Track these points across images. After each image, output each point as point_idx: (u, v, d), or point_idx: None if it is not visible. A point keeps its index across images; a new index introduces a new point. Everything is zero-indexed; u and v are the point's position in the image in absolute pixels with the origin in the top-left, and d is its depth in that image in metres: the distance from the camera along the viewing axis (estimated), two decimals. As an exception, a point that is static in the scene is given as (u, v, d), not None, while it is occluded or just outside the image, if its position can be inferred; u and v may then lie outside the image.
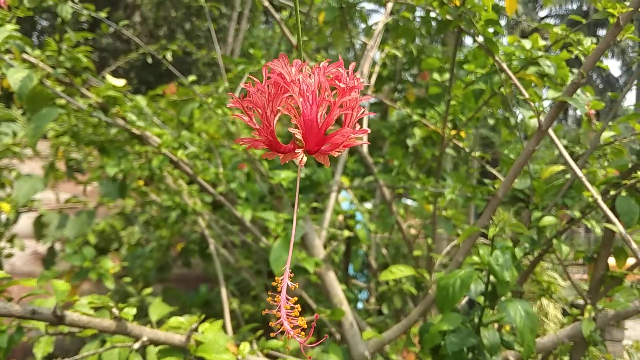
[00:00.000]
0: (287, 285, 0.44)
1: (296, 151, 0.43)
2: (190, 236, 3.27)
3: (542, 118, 1.25)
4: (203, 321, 1.12)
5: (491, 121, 2.74)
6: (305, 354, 0.53)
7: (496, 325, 1.36)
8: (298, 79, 0.41)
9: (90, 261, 1.85)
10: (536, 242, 1.62)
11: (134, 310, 0.96)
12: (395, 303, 2.62)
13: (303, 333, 0.42)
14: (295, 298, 0.43)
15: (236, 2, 8.02)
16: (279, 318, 0.42)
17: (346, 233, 1.88)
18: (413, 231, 2.96)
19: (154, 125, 1.68)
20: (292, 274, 0.44)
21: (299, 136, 0.42)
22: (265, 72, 0.42)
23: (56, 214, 3.17)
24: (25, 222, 3.09)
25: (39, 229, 3.08)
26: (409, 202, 3.46)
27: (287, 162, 0.46)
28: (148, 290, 1.96)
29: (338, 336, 1.99)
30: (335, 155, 0.46)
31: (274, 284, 0.44)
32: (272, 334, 0.43)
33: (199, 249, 3.19)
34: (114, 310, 0.91)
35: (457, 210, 2.52)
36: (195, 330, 1.00)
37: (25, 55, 1.53)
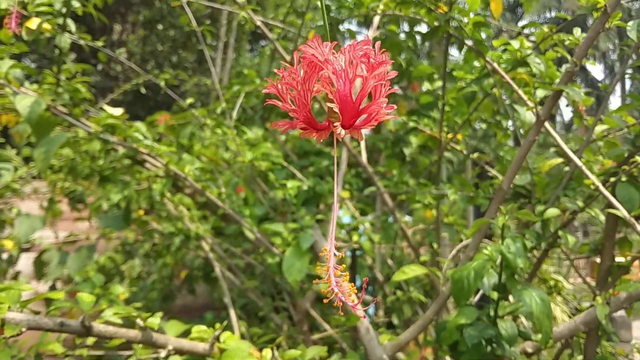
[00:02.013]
0: (334, 254, 0.45)
1: (334, 124, 0.46)
2: (193, 263, 3.26)
3: (539, 109, 1.28)
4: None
5: (483, 126, 2.78)
6: None
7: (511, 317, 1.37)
8: (331, 58, 0.44)
9: (100, 288, 1.85)
10: (542, 236, 1.64)
11: (158, 320, 0.97)
12: (406, 313, 2.62)
13: (353, 299, 0.44)
14: (344, 265, 0.45)
15: (221, 32, 8.12)
16: (329, 286, 0.44)
17: (355, 237, 1.89)
18: (418, 237, 2.97)
19: (160, 147, 1.70)
20: (337, 246, 0.46)
21: (336, 110, 0.44)
22: (297, 55, 0.45)
23: (56, 252, 3.16)
24: (25, 262, 3.07)
25: (40, 268, 3.07)
26: (407, 218, 3.48)
27: (321, 140, 0.48)
28: (158, 314, 1.95)
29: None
30: (368, 129, 0.48)
31: (321, 254, 0.46)
32: (324, 301, 0.45)
33: (203, 274, 3.18)
34: (139, 320, 0.92)
35: (458, 216, 2.55)
36: (218, 338, 1.01)
37: (23, 89, 1.55)
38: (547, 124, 1.51)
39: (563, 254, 2.06)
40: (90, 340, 1.06)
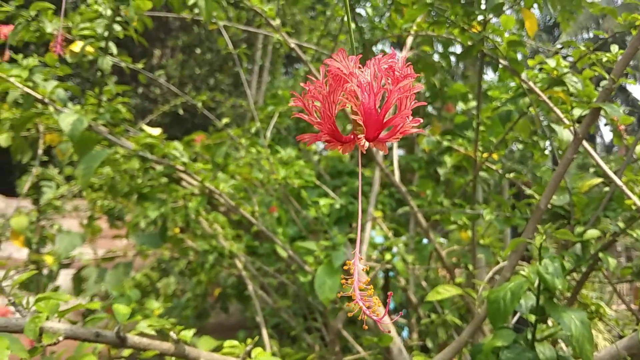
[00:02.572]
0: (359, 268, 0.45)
1: (359, 136, 0.46)
2: (226, 281, 3.29)
3: (576, 127, 1.25)
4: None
5: (520, 147, 2.74)
6: None
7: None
8: (356, 71, 0.44)
9: (135, 303, 1.88)
10: (581, 258, 1.59)
11: (190, 333, 0.98)
12: (440, 336, 2.56)
13: (377, 312, 0.44)
14: (368, 279, 0.45)
15: (257, 55, 8.29)
16: (353, 299, 0.44)
17: (388, 256, 1.87)
18: (454, 259, 2.92)
19: (195, 164, 1.74)
20: (361, 258, 0.46)
21: (360, 122, 0.45)
22: (323, 68, 0.46)
23: (94, 268, 3.25)
24: (64, 279, 3.16)
25: (78, 284, 3.15)
26: (442, 240, 3.43)
27: (346, 153, 0.48)
28: (191, 330, 1.97)
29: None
30: (393, 142, 0.49)
31: (346, 267, 0.46)
32: (349, 314, 0.44)
33: (236, 292, 3.20)
34: (172, 333, 0.93)
35: (495, 238, 2.49)
36: (249, 354, 1.01)
37: (66, 109, 1.62)
38: (586, 144, 1.47)
39: (605, 279, 1.99)
40: (126, 353, 1.08)
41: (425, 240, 2.62)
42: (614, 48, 1.29)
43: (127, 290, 3.07)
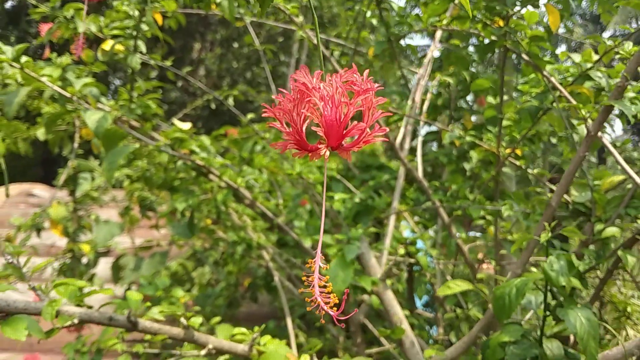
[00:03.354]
0: (319, 266, 0.49)
1: (319, 146, 0.50)
2: (256, 272, 3.37)
3: (589, 124, 1.25)
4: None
5: (554, 140, 2.68)
6: None
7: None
8: (318, 86, 0.48)
9: (162, 290, 1.97)
10: (601, 256, 1.57)
11: (200, 319, 1.04)
12: (464, 331, 2.56)
13: (335, 308, 0.47)
14: (327, 277, 0.49)
15: (293, 49, 8.36)
16: (313, 295, 0.47)
17: (410, 249, 1.88)
18: (480, 255, 2.91)
19: (216, 159, 1.80)
20: (323, 257, 0.50)
21: (321, 134, 0.49)
22: (292, 82, 0.50)
23: (132, 257, 3.39)
24: (103, 267, 3.31)
25: (117, 272, 3.29)
26: (472, 234, 3.40)
27: (313, 159, 0.52)
28: (216, 319, 2.05)
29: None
30: (356, 151, 0.52)
31: (308, 265, 0.50)
32: (307, 309, 0.48)
33: (265, 282, 3.27)
34: (182, 319, 0.99)
35: (524, 233, 2.47)
36: (257, 341, 1.07)
37: (100, 105, 1.71)
38: (606, 141, 1.45)
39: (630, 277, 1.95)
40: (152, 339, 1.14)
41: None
42: (628, 44, 1.27)
43: (164, 280, 3.19)
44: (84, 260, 2.86)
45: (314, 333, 3.05)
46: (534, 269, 1.21)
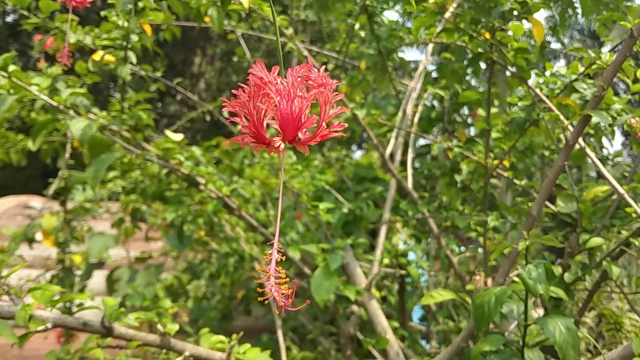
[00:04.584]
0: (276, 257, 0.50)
1: (275, 139, 0.50)
2: (250, 284, 3.36)
3: (567, 134, 1.26)
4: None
5: (547, 153, 2.70)
6: None
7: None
8: (275, 80, 0.49)
9: (150, 301, 1.97)
10: (587, 266, 1.57)
11: (176, 327, 1.04)
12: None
13: (288, 299, 0.48)
14: (283, 271, 0.49)
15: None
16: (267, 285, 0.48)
17: (402, 260, 1.88)
18: (471, 267, 2.90)
19: (201, 168, 1.81)
20: (281, 248, 0.50)
21: (276, 127, 0.49)
22: (251, 77, 0.51)
23: (126, 270, 3.38)
24: (98, 280, 3.29)
25: (111, 284, 3.28)
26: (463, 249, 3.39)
27: (274, 154, 0.53)
28: (205, 330, 2.04)
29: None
30: (312, 144, 0.53)
31: (265, 258, 0.51)
32: (259, 299, 0.49)
33: (258, 295, 3.26)
34: (159, 326, 0.99)
35: (504, 242, 2.46)
36: (236, 350, 1.06)
37: (91, 115, 1.72)
38: (589, 152, 1.46)
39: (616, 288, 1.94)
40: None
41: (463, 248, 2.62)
42: (605, 55, 1.29)
43: (159, 293, 3.18)
44: (77, 272, 2.86)
45: (306, 346, 3.03)
46: (516, 279, 1.21)
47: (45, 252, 3.95)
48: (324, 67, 0.51)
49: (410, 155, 2.44)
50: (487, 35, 1.80)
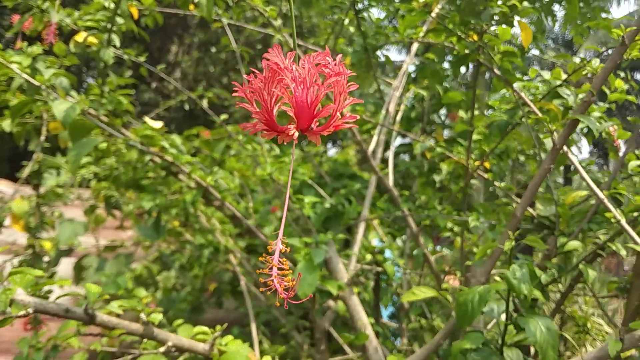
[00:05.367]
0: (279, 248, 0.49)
1: (289, 126, 0.49)
2: (222, 276, 3.32)
3: (554, 137, 1.28)
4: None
5: (522, 158, 2.74)
6: None
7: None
8: (291, 66, 0.48)
9: (124, 290, 1.93)
10: (564, 269, 1.60)
11: (160, 316, 1.02)
12: (427, 341, 2.57)
13: (290, 291, 0.47)
14: (286, 262, 0.48)
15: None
16: (270, 276, 0.47)
17: (378, 257, 1.89)
18: (446, 267, 2.94)
19: (185, 156, 1.78)
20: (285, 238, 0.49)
21: (291, 114, 0.48)
22: (264, 62, 0.49)
23: (95, 258, 3.30)
24: (65, 267, 3.21)
25: (79, 272, 3.20)
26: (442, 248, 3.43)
27: (285, 142, 0.52)
28: (179, 321, 2.01)
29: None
30: (325, 134, 0.52)
31: (269, 248, 0.49)
32: (261, 289, 0.48)
33: (231, 288, 3.23)
34: (142, 315, 0.97)
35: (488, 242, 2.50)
36: (218, 341, 1.05)
37: (69, 98, 1.67)
38: (571, 156, 1.49)
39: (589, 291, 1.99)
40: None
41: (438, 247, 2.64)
42: (595, 61, 1.31)
43: (113, 278, 3.10)
44: (45, 258, 2.78)
45: (278, 340, 3.01)
46: (497, 279, 1.23)
47: (10, 237, 3.84)
48: (340, 55, 0.50)
49: (391, 153, 2.45)
50: (475, 37, 1.81)
